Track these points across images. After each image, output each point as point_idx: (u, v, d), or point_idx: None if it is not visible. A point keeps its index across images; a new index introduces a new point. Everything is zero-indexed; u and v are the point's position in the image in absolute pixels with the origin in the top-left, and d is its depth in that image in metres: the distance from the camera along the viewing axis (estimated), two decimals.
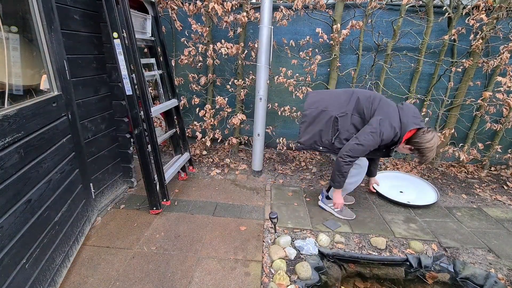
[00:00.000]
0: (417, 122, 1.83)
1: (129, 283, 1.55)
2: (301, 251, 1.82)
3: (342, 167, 1.90)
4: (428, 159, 1.83)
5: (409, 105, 1.93)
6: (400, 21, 2.68)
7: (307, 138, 2.07)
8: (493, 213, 2.35)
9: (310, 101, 2.07)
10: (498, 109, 2.77)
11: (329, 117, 1.97)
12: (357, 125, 1.94)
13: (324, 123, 1.99)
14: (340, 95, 2.03)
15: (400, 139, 1.83)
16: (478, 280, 1.69)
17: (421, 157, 1.85)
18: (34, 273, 1.29)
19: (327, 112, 1.98)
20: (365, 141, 1.82)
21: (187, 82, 3.01)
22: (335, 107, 1.98)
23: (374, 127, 1.82)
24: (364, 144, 1.82)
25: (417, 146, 1.82)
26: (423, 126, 1.84)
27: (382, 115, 1.83)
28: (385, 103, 1.90)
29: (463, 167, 3.16)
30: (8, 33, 1.36)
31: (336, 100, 2.00)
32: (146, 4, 2.21)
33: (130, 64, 1.89)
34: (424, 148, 1.79)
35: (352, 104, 1.95)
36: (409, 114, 1.85)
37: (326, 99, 2.04)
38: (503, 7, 2.46)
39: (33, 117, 1.32)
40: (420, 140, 1.80)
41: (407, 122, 1.81)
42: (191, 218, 2.14)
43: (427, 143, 1.78)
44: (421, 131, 1.82)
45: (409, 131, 1.81)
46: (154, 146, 2.09)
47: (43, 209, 1.38)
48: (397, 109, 1.89)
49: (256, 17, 2.67)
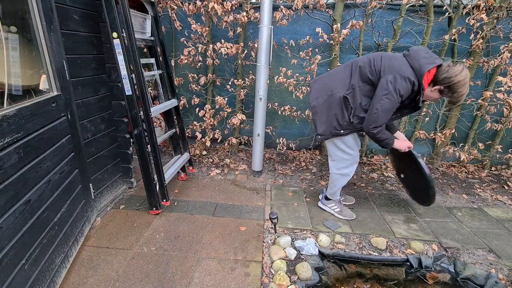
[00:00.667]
0: (432, 61, 1.66)
1: (128, 283, 1.54)
2: (301, 252, 1.81)
3: (377, 137, 1.81)
4: (462, 96, 1.65)
5: (417, 48, 1.75)
6: (400, 20, 2.68)
7: (325, 127, 1.95)
8: (493, 213, 2.35)
9: (314, 92, 1.98)
10: (499, 109, 2.76)
11: (338, 99, 1.86)
12: (369, 94, 1.80)
13: (336, 106, 1.88)
14: (341, 72, 1.92)
15: (421, 86, 1.66)
16: (478, 280, 1.68)
17: (452, 95, 1.66)
18: (34, 273, 1.29)
19: (334, 95, 1.87)
20: (383, 106, 1.69)
21: (187, 82, 3.01)
22: (340, 87, 1.87)
23: (385, 89, 1.67)
24: (382, 110, 1.70)
25: (446, 83, 1.63)
26: (441, 63, 1.65)
27: (389, 73, 1.68)
28: (388, 59, 1.74)
29: (463, 167, 3.15)
30: (7, 33, 1.36)
31: (339, 79, 1.90)
32: (145, 4, 2.20)
33: (129, 64, 1.89)
34: (455, 84, 1.60)
35: (355, 76, 1.83)
36: (419, 57, 1.67)
37: (329, 82, 1.94)
38: (503, 6, 2.46)
39: (32, 117, 1.32)
40: (448, 74, 1.61)
41: (419, 66, 1.64)
42: (191, 218, 2.13)
43: (458, 75, 1.59)
44: (445, 66, 1.64)
45: (427, 72, 1.64)
46: (154, 146, 2.09)
47: (43, 210, 1.38)
48: (404, 58, 1.72)
49: (256, 17, 2.66)
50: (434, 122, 3.06)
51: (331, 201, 2.24)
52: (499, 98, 2.64)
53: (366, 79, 1.79)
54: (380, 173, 2.99)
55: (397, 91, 1.66)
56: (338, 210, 2.21)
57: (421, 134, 2.95)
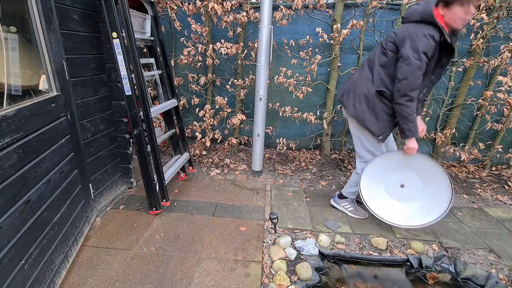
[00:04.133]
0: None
1: (128, 284, 1.54)
2: (302, 252, 1.81)
3: (402, 111, 1.69)
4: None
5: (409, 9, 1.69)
6: (400, 20, 2.67)
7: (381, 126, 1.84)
8: (494, 213, 2.34)
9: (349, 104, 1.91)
10: (499, 109, 2.76)
11: (375, 95, 1.78)
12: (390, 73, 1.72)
13: (379, 103, 1.80)
14: (361, 73, 1.88)
15: (439, 26, 1.54)
16: (479, 280, 1.68)
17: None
18: (33, 274, 1.29)
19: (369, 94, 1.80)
20: (406, 72, 1.60)
21: (187, 82, 3.01)
22: (369, 85, 1.81)
23: (405, 56, 1.58)
24: (407, 76, 1.60)
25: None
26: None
27: (403, 42, 1.60)
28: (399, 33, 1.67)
29: (464, 167, 3.14)
30: (7, 33, 1.36)
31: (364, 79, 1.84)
32: (145, 4, 2.20)
33: (129, 64, 1.89)
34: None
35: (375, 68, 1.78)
36: (416, 8, 1.60)
37: (357, 88, 1.88)
38: (504, 6, 2.45)
39: (32, 117, 1.32)
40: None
41: (423, 12, 1.55)
42: (191, 218, 2.13)
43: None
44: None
45: (435, 8, 1.54)
46: (154, 146, 2.09)
47: (42, 210, 1.38)
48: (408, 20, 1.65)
49: (256, 16, 2.66)
50: (434, 122, 3.05)
51: (346, 200, 2.23)
52: (499, 98, 2.63)
53: (384, 63, 1.74)
54: None
55: (418, 51, 1.56)
56: (352, 209, 2.20)
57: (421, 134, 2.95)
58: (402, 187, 2.03)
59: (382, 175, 2.02)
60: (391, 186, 2.04)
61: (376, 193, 2.05)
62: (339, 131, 3.23)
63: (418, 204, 2.00)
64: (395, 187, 2.04)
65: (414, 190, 2.00)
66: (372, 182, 2.03)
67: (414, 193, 2.00)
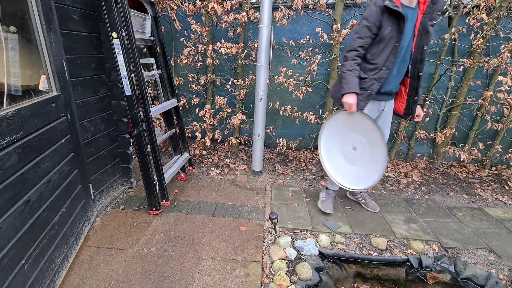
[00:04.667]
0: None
1: (128, 284, 1.54)
2: (302, 252, 1.81)
3: (343, 66, 1.82)
4: None
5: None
6: None
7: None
8: (494, 213, 2.34)
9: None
10: (499, 109, 2.76)
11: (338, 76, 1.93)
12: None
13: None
14: None
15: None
16: (479, 280, 1.68)
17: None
18: (33, 274, 1.29)
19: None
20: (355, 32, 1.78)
21: (187, 82, 3.01)
22: None
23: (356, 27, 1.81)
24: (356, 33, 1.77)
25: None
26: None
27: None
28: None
29: (464, 167, 3.15)
30: (7, 33, 1.36)
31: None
32: (145, 4, 2.20)
33: (129, 64, 1.89)
34: None
35: None
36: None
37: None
38: (504, 6, 2.45)
39: (32, 117, 1.32)
40: None
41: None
42: (191, 218, 2.13)
43: None
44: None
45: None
46: (154, 146, 2.08)
47: (42, 210, 1.38)
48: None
49: (256, 16, 2.66)
50: (434, 122, 3.05)
51: (326, 191, 2.30)
52: (499, 98, 2.63)
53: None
54: None
55: (362, 17, 1.76)
56: (323, 199, 2.26)
57: (421, 134, 2.95)
58: (355, 149, 2.02)
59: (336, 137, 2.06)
60: (345, 148, 2.04)
61: (332, 155, 2.10)
62: None
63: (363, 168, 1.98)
64: (348, 149, 2.03)
65: (362, 153, 1.97)
66: (328, 143, 2.08)
67: (361, 156, 1.97)
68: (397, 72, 1.85)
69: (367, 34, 1.74)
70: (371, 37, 1.75)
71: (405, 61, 1.84)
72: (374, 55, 1.80)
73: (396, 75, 1.87)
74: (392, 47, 1.75)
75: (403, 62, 1.83)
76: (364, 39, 1.75)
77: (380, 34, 1.74)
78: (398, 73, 1.86)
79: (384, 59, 1.77)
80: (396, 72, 1.85)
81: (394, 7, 1.65)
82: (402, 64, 1.84)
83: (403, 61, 1.83)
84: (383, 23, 1.71)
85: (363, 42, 1.76)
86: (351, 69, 1.79)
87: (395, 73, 1.85)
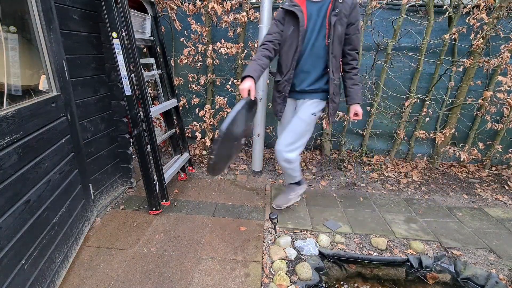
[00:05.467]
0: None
1: (128, 284, 1.54)
2: (302, 252, 1.81)
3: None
4: None
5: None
6: (400, 20, 2.67)
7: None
8: (494, 213, 2.34)
9: None
10: (499, 109, 2.76)
11: None
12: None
13: None
14: None
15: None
16: (479, 280, 1.68)
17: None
18: (33, 274, 1.29)
19: None
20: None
21: (187, 82, 3.00)
22: None
23: None
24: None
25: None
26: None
27: None
28: None
29: (464, 167, 3.15)
30: (7, 33, 1.36)
31: None
32: (145, 4, 2.20)
33: (129, 64, 1.89)
34: None
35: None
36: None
37: None
38: (504, 6, 2.45)
39: (32, 117, 1.32)
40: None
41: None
42: (191, 218, 2.13)
43: None
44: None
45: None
46: (154, 146, 2.08)
47: (42, 210, 1.37)
48: None
49: (256, 16, 2.66)
50: (434, 122, 3.05)
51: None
52: (499, 98, 2.63)
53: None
54: (381, 173, 2.99)
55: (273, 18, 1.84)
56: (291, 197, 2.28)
57: (421, 134, 2.95)
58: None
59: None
60: None
61: None
62: (339, 131, 3.23)
63: None
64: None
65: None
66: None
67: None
68: (312, 69, 1.83)
69: (274, 30, 1.80)
70: (279, 33, 1.80)
71: (320, 57, 1.79)
72: (282, 57, 1.86)
73: (309, 73, 1.85)
74: (296, 46, 1.78)
75: (316, 58, 1.80)
76: (272, 34, 1.80)
77: (285, 35, 1.80)
78: (314, 70, 1.83)
79: (290, 60, 1.82)
80: (308, 69, 1.84)
81: (290, 7, 1.73)
82: (316, 60, 1.81)
83: (316, 57, 1.80)
84: (285, 23, 1.78)
85: (272, 37, 1.80)
86: (255, 58, 1.77)
87: (307, 70, 1.84)
